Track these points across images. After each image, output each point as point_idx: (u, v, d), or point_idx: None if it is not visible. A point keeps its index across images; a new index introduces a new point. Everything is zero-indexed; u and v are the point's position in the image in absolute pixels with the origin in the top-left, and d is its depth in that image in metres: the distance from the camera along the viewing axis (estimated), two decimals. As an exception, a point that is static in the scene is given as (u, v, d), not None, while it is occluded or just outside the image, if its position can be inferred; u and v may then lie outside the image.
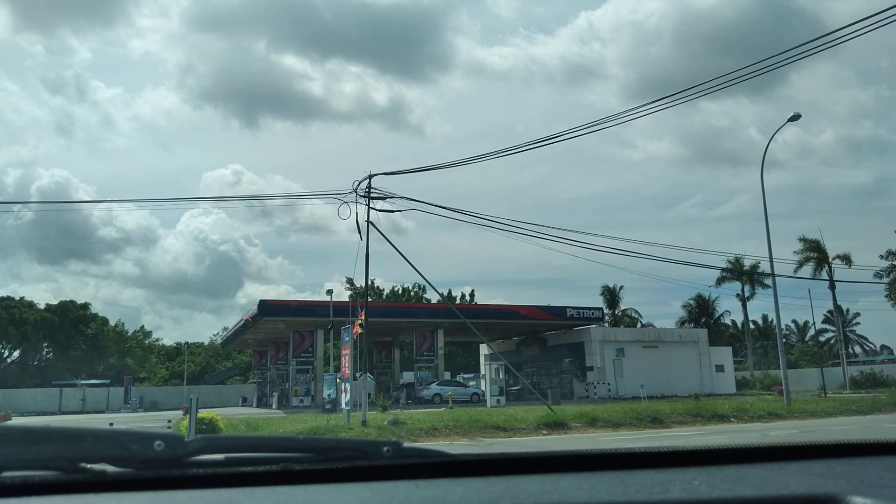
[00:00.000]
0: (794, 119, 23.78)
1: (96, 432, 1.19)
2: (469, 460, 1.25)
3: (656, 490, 1.11)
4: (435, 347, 39.29)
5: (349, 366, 19.57)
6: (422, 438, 15.89)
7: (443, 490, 1.12)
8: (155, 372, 66.39)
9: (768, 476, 1.19)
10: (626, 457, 1.30)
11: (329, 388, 28.61)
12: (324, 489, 1.13)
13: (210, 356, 69.61)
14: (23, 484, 1.10)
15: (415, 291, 62.39)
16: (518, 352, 45.04)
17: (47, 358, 62.19)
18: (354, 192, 19.84)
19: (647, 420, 18.76)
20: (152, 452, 1.15)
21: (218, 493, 1.11)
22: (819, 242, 44.75)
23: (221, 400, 47.78)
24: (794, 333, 68.49)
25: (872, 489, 1.09)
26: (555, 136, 20.38)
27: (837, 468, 1.29)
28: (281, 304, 37.94)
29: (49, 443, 1.16)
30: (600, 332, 41.30)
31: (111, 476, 1.14)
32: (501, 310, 41.41)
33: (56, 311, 61.27)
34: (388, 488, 1.14)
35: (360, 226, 19.75)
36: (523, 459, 1.25)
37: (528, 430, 17.31)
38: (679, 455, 1.30)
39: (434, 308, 42.78)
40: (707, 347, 42.01)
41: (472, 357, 55.53)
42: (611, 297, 58.31)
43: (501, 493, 1.08)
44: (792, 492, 1.10)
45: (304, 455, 1.27)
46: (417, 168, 21.41)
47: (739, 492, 1.10)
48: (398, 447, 1.28)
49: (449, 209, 22.42)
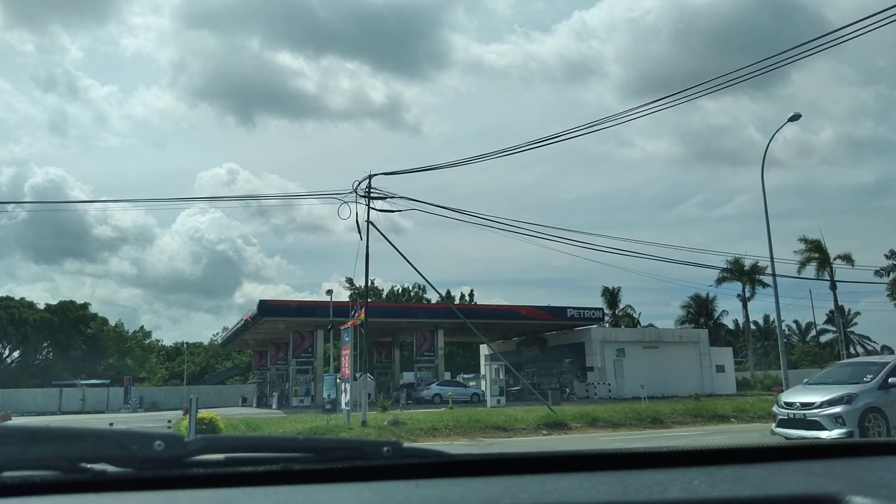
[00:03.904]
0: (794, 119, 23.75)
1: (96, 432, 1.19)
2: (469, 460, 1.25)
3: (656, 490, 1.11)
4: (435, 347, 39.29)
5: (349, 366, 19.58)
6: (422, 438, 15.89)
7: (443, 490, 1.12)
8: (155, 372, 66.41)
9: (768, 476, 1.19)
10: (626, 457, 1.31)
11: (329, 388, 28.63)
12: (324, 489, 1.14)
13: (210, 356, 69.62)
14: (23, 484, 1.10)
15: (415, 291, 62.42)
16: (518, 352, 45.02)
17: (47, 358, 62.21)
18: (354, 192, 19.87)
19: (648, 420, 18.77)
20: (152, 452, 1.15)
21: (218, 493, 1.11)
22: (820, 242, 44.77)
23: (221, 400, 47.76)
24: (795, 334, 68.51)
25: (872, 489, 1.09)
26: (555, 136, 20.40)
27: (837, 468, 1.29)
28: (281, 304, 37.94)
29: (49, 443, 1.16)
30: (600, 332, 41.29)
31: (111, 476, 1.14)
32: (501, 310, 41.40)
33: (56, 311, 61.33)
34: (388, 488, 1.14)
35: (359, 226, 19.77)
36: (523, 459, 1.25)
37: (528, 431, 17.32)
38: (679, 455, 1.30)
39: (434, 308, 42.78)
40: (707, 348, 42.02)
41: (473, 357, 55.54)
42: (611, 298, 58.35)
43: (501, 493, 1.08)
44: (792, 492, 1.10)
45: (304, 455, 1.27)
46: (417, 168, 21.43)
47: (739, 492, 1.10)
48: (398, 447, 1.28)
49: (449, 209, 22.44)
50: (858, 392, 12.41)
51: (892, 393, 12.41)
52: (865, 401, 12.28)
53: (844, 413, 12.09)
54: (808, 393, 13.20)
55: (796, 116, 23.67)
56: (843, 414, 12.09)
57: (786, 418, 12.97)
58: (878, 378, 12.60)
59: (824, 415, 12.24)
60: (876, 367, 13.15)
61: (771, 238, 23.23)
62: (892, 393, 12.42)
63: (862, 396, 12.34)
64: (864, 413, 12.12)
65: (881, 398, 12.39)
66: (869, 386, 12.56)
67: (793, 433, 12.52)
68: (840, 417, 12.08)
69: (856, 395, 12.36)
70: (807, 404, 12.68)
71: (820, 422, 12.21)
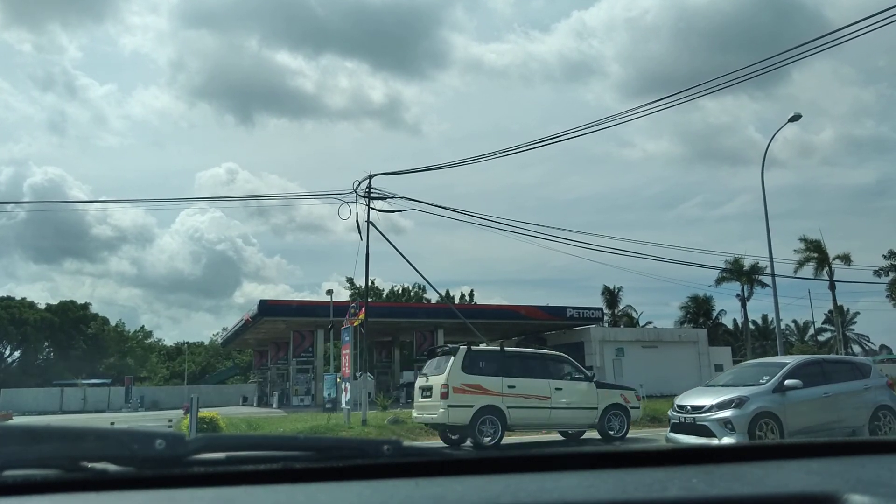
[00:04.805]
0: (794, 119, 23.75)
1: (97, 431, 1.19)
2: (469, 459, 1.25)
3: (655, 488, 1.11)
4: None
5: (349, 365, 19.59)
6: (422, 437, 15.91)
7: (442, 488, 1.13)
8: (156, 371, 66.43)
9: (766, 474, 1.19)
10: (625, 455, 1.31)
11: (329, 387, 28.64)
12: (324, 487, 1.14)
13: (210, 356, 69.62)
14: (24, 483, 1.11)
15: (415, 291, 62.36)
16: (518, 351, 44.99)
17: (48, 358, 62.23)
18: (354, 192, 19.87)
19: (647, 419, 18.75)
20: (153, 451, 1.15)
21: (219, 492, 1.12)
22: (820, 243, 44.78)
23: (222, 399, 47.74)
24: (794, 333, 68.51)
25: (870, 487, 1.09)
26: (555, 136, 20.41)
27: (835, 466, 1.29)
28: (281, 304, 37.94)
29: (50, 442, 1.16)
30: (600, 332, 41.31)
31: (113, 475, 1.14)
32: (501, 310, 41.40)
33: (56, 311, 61.34)
34: (388, 486, 1.15)
35: (360, 226, 19.77)
36: (522, 458, 1.26)
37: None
38: (678, 453, 1.30)
39: (434, 308, 42.77)
40: (706, 347, 42.05)
41: (473, 357, 55.46)
42: (611, 297, 58.37)
43: (501, 492, 1.09)
44: (790, 490, 1.10)
45: (304, 454, 1.27)
46: (418, 168, 21.44)
47: (738, 490, 1.11)
48: (398, 446, 1.28)
49: (449, 209, 22.45)
50: (750, 395, 11.37)
51: (788, 396, 11.43)
52: (757, 404, 11.23)
53: (734, 418, 11.06)
54: (701, 395, 12.22)
55: (797, 117, 23.66)
56: (733, 419, 11.06)
57: (678, 422, 11.96)
58: (774, 380, 11.59)
59: (713, 419, 11.23)
60: (775, 369, 12.12)
61: (770, 238, 23.26)
62: (790, 396, 11.43)
63: (754, 400, 11.29)
64: (755, 418, 11.08)
65: (776, 402, 11.36)
66: (763, 389, 11.53)
67: (683, 439, 11.50)
68: (729, 422, 11.06)
69: (747, 398, 11.30)
70: (697, 408, 11.67)
71: (709, 427, 11.20)
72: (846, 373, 12.58)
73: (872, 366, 13.49)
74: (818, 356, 19.69)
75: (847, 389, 12.12)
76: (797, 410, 11.43)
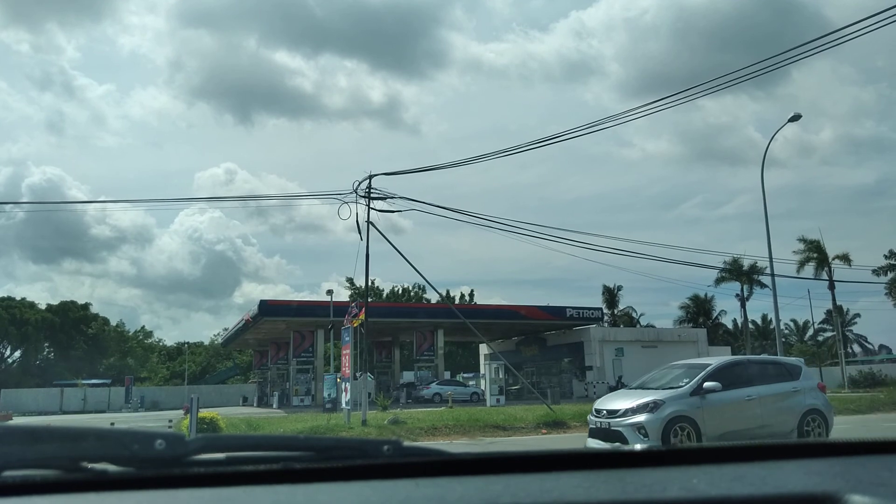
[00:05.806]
0: (794, 119, 23.76)
1: (97, 432, 1.19)
2: (469, 459, 1.25)
3: (655, 488, 1.11)
4: (435, 347, 39.33)
5: (349, 365, 19.59)
6: (422, 437, 15.91)
7: (443, 488, 1.13)
8: (156, 372, 66.39)
9: (767, 474, 1.19)
10: (626, 455, 1.31)
11: (329, 387, 28.65)
12: (324, 488, 1.14)
13: (211, 356, 69.60)
14: (24, 483, 1.11)
15: (415, 291, 62.40)
16: (518, 351, 45.06)
17: (48, 358, 62.25)
18: (354, 192, 19.87)
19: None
20: (153, 452, 1.15)
21: (219, 492, 1.12)
22: (819, 243, 44.75)
23: (222, 399, 47.76)
24: (794, 333, 68.54)
25: (871, 487, 1.09)
26: (555, 136, 20.41)
27: (836, 467, 1.29)
28: (281, 304, 37.99)
29: (50, 442, 1.16)
30: (600, 331, 41.35)
31: (113, 475, 1.14)
32: (501, 310, 41.43)
33: (57, 311, 61.37)
34: (388, 487, 1.15)
35: (359, 226, 19.77)
36: (523, 458, 1.26)
37: (527, 430, 17.32)
38: (678, 454, 1.30)
39: (434, 308, 42.80)
40: (706, 347, 42.09)
41: (472, 357, 55.54)
42: (610, 298, 58.40)
43: (501, 492, 1.09)
44: (790, 490, 1.10)
45: (304, 454, 1.28)
46: (417, 168, 21.43)
47: (738, 490, 1.10)
48: (398, 446, 1.28)
49: (449, 209, 22.44)
50: (666, 399, 10.80)
51: (707, 400, 10.84)
52: (673, 408, 10.67)
53: (647, 423, 10.50)
54: (619, 399, 11.71)
55: (796, 117, 23.67)
56: (646, 424, 10.49)
57: (595, 427, 11.34)
58: (693, 383, 11.01)
59: (626, 424, 10.67)
60: (696, 371, 11.49)
61: (770, 238, 23.27)
62: (708, 400, 10.85)
63: (669, 403, 10.71)
64: (669, 422, 10.53)
65: (693, 405, 10.79)
66: (680, 392, 10.96)
67: (599, 445, 10.75)
68: (642, 428, 10.50)
69: (662, 402, 10.73)
70: (613, 412, 11.09)
71: (622, 432, 10.64)
72: (773, 375, 11.91)
73: (803, 367, 12.81)
74: (743, 357, 18.86)
75: (773, 392, 11.49)
76: (716, 414, 10.86)
